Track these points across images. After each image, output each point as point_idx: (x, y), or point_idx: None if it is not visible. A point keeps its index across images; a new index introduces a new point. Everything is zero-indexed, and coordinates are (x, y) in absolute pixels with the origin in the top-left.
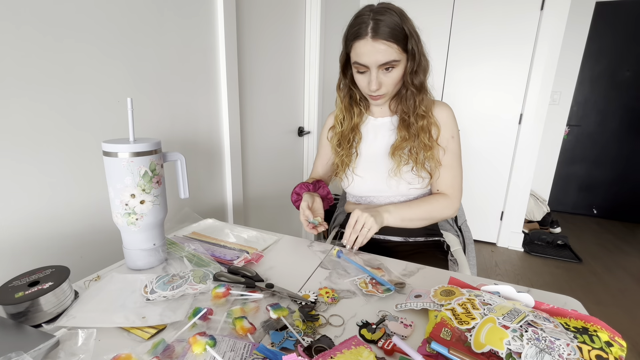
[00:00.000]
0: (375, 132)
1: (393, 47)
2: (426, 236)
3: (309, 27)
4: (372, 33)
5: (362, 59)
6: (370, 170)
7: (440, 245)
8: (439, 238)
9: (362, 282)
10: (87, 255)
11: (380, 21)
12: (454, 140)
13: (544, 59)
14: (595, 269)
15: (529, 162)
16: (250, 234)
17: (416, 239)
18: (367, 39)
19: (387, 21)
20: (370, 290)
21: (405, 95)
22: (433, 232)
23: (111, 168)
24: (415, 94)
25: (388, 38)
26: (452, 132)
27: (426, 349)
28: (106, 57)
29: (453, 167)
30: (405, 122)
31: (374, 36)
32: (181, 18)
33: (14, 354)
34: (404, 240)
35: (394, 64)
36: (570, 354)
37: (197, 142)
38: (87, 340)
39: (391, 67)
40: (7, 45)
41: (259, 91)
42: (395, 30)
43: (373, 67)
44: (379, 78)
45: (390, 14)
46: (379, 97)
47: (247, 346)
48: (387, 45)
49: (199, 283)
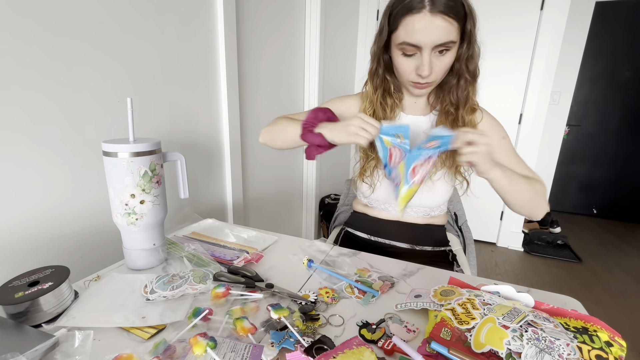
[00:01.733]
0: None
1: (454, 24)
2: (434, 246)
3: (309, 27)
4: (431, 6)
5: (416, 37)
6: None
7: (446, 255)
8: (446, 248)
9: (348, 287)
10: (87, 255)
11: None
12: (505, 141)
13: (544, 59)
14: (595, 268)
15: (528, 162)
16: (250, 234)
17: (423, 247)
18: (424, 13)
19: None
20: (357, 295)
21: (456, 85)
22: (441, 242)
23: (111, 168)
24: (470, 82)
25: (449, 13)
26: (501, 133)
27: (426, 349)
28: (106, 57)
29: (519, 162)
30: (450, 116)
31: (433, 10)
32: (181, 18)
33: (9, 354)
34: (410, 248)
35: (450, 45)
36: (570, 354)
37: (197, 142)
38: (84, 342)
39: (446, 50)
40: (7, 45)
41: (259, 91)
42: (457, 5)
43: (427, 48)
44: (431, 62)
45: None
46: (426, 85)
47: (248, 347)
48: (448, 22)
49: (199, 283)
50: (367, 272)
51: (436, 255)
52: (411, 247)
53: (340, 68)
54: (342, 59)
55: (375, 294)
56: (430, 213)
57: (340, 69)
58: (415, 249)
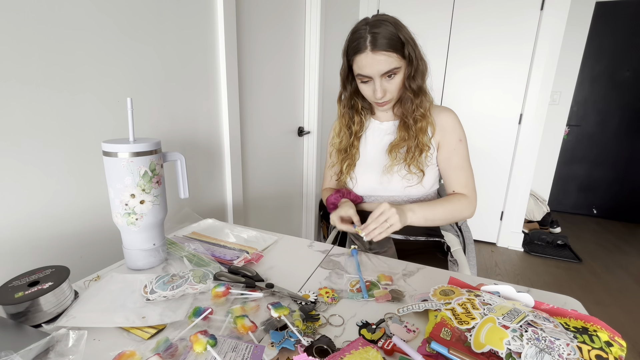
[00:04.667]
0: (380, 135)
1: (392, 56)
2: (427, 236)
3: (309, 28)
4: (371, 46)
5: (365, 70)
6: (369, 169)
7: (440, 245)
8: (440, 239)
9: (353, 283)
10: (87, 255)
11: (377, 34)
12: (461, 144)
13: (544, 59)
14: (595, 268)
15: (528, 162)
16: (250, 234)
17: (417, 237)
18: (367, 52)
19: (384, 33)
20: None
21: (404, 98)
22: (434, 233)
23: (111, 168)
24: (413, 97)
25: (387, 49)
26: (459, 136)
27: (426, 349)
28: (106, 57)
29: (464, 169)
30: (405, 124)
31: (373, 49)
32: (181, 18)
33: (3, 353)
34: (404, 239)
35: (395, 71)
36: (570, 353)
37: (197, 142)
38: (78, 342)
39: (393, 74)
40: (7, 44)
41: (259, 91)
42: (392, 40)
43: (376, 77)
44: (383, 86)
45: (385, 25)
46: (385, 104)
47: (249, 347)
48: (387, 55)
49: (199, 283)
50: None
51: (430, 245)
52: (405, 238)
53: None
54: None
55: (365, 297)
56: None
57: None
58: (410, 239)
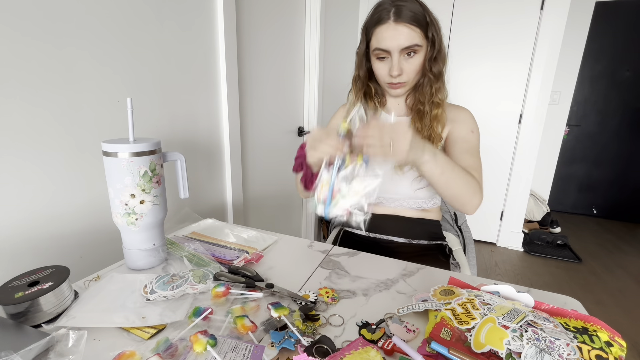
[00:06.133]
0: None
1: (416, 31)
2: (430, 239)
3: (309, 28)
4: (395, 17)
5: (384, 43)
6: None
7: (442, 248)
8: (442, 242)
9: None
10: (87, 255)
11: (402, 6)
12: (473, 135)
13: (544, 59)
14: (595, 268)
15: (528, 162)
16: (250, 234)
17: (419, 241)
18: (389, 23)
19: (409, 6)
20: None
21: (422, 83)
22: (436, 236)
23: (111, 168)
24: (433, 81)
25: (410, 21)
26: (471, 127)
27: (426, 349)
28: (106, 56)
29: (474, 156)
30: (420, 112)
31: (397, 19)
32: (181, 18)
33: (3, 353)
34: (407, 242)
35: (416, 48)
36: (570, 354)
37: (197, 142)
38: (78, 342)
39: (413, 52)
40: (7, 44)
41: (259, 91)
42: (418, 16)
43: (395, 52)
44: (400, 63)
45: (411, 1)
46: (399, 85)
47: (249, 347)
48: (410, 29)
49: (199, 283)
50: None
51: (432, 248)
52: (408, 242)
53: (340, 68)
54: (342, 59)
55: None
56: (422, 205)
57: (340, 69)
58: (412, 242)
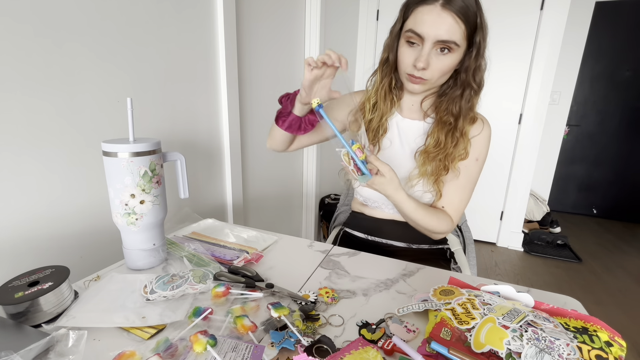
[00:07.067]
0: (399, 132)
1: (461, 27)
2: (430, 244)
3: (309, 27)
4: (444, 1)
5: (422, 27)
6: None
7: (443, 252)
8: (443, 246)
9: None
10: (87, 255)
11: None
12: (477, 164)
13: (544, 59)
14: (595, 268)
15: (528, 162)
16: (250, 234)
17: (420, 245)
18: (435, 5)
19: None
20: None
21: (460, 96)
22: (439, 240)
23: (111, 168)
24: (476, 92)
25: (459, 13)
26: (478, 154)
27: (426, 349)
28: (106, 56)
29: (465, 191)
30: (449, 125)
31: (445, 5)
32: (181, 18)
33: (3, 353)
34: (407, 247)
35: (452, 46)
36: (570, 354)
37: (197, 142)
38: (78, 342)
39: (447, 50)
40: (7, 44)
41: (259, 91)
42: (469, 11)
43: (429, 41)
44: (429, 57)
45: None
46: (419, 81)
47: (249, 347)
48: (455, 21)
49: (199, 283)
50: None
51: (433, 253)
52: (408, 246)
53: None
54: None
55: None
56: None
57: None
58: (412, 247)
